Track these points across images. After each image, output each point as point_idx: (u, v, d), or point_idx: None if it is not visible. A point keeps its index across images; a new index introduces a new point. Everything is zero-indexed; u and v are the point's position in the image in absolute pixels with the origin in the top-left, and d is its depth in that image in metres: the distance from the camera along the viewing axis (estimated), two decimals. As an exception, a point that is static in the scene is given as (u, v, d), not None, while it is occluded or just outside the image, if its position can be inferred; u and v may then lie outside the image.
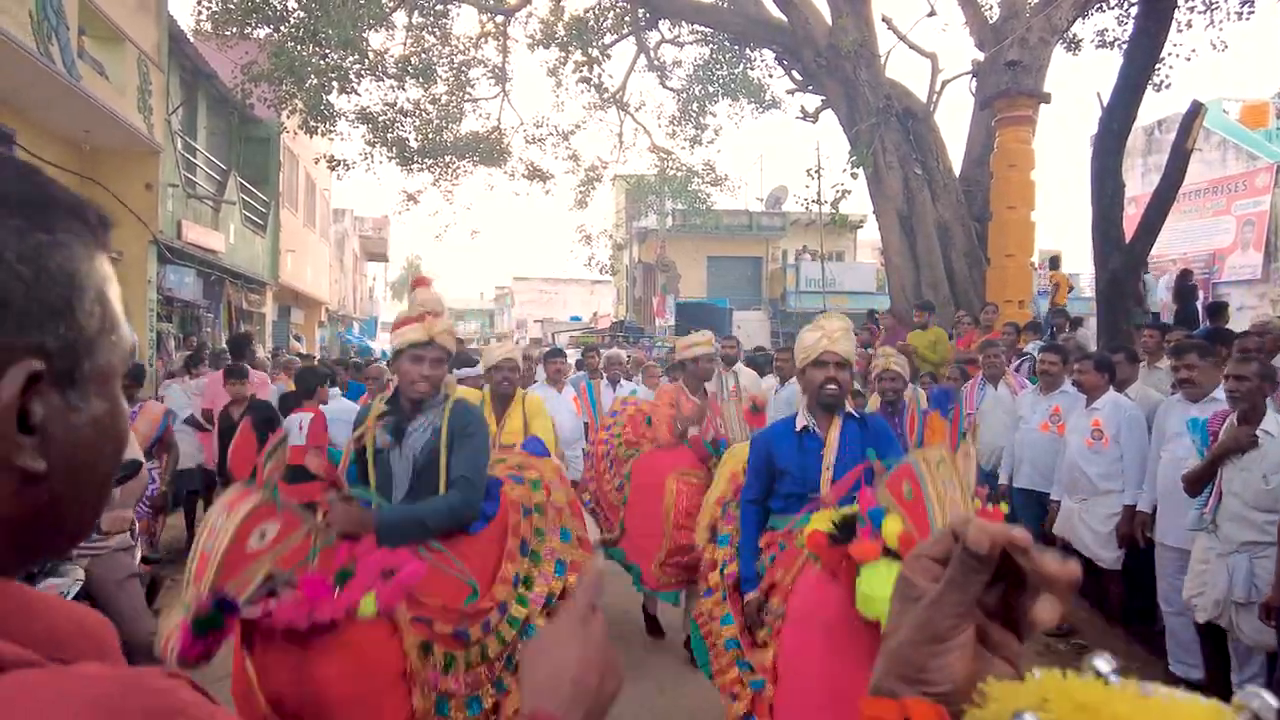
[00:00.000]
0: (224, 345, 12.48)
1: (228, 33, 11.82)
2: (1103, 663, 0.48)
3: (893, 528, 2.21)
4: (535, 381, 6.87)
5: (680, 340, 5.00)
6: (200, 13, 12.02)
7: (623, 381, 7.27)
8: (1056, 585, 0.52)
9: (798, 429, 3.05)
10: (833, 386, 2.93)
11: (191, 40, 12.19)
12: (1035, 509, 5.18)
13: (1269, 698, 0.43)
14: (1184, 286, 10.40)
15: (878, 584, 2.16)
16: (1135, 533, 4.49)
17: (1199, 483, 3.74)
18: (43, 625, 0.49)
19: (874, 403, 5.26)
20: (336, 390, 6.50)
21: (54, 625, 0.50)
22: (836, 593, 2.38)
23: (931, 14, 11.59)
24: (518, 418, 4.48)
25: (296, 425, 4.99)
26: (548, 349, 8.26)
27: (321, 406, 5.52)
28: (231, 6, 11.70)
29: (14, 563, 0.52)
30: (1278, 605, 3.27)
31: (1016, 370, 6.57)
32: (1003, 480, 5.53)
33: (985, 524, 0.52)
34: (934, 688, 0.52)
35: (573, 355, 11.66)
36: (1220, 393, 4.07)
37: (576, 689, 0.76)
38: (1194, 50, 11.05)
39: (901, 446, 4.51)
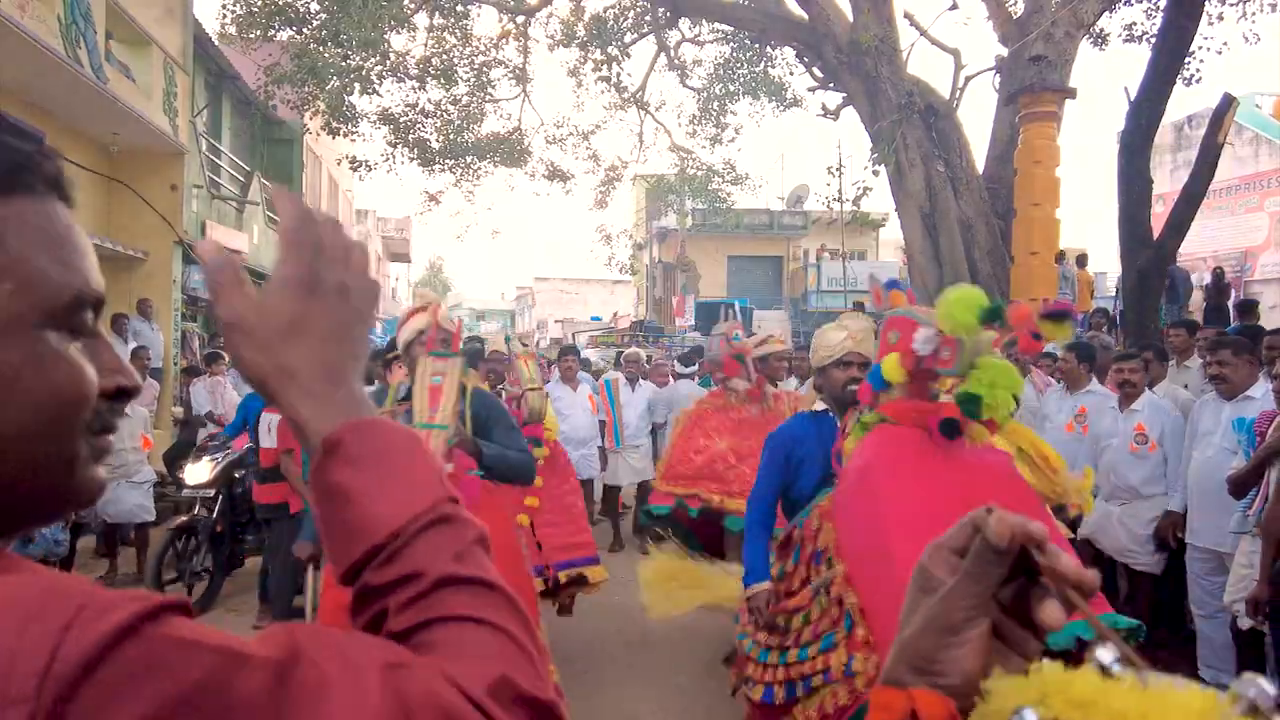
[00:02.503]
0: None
1: (251, 35, 11.95)
2: (1104, 653, 0.47)
3: (889, 363, 2.49)
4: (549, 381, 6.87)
5: (750, 340, 5.04)
6: (225, 16, 12.18)
7: (640, 381, 7.26)
8: (1069, 588, 0.51)
9: (814, 412, 3.06)
10: (854, 385, 2.87)
11: (216, 43, 12.34)
12: (1057, 510, 5.07)
13: (1266, 685, 0.43)
14: (1217, 285, 10.21)
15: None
16: (1167, 534, 4.39)
17: (1244, 485, 3.64)
18: None
19: None
20: None
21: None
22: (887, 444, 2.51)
23: (954, 7, 11.44)
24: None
25: (265, 427, 5.03)
26: (561, 348, 8.28)
27: None
28: (255, 10, 11.83)
29: None
30: (1265, 600, 3.19)
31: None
32: (1027, 480, 5.44)
33: (1006, 516, 0.51)
34: (944, 679, 0.52)
35: (590, 354, 11.58)
36: (1255, 391, 3.97)
37: (331, 336, 0.59)
38: (1225, 43, 10.80)
39: None
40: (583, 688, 4.16)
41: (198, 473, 5.51)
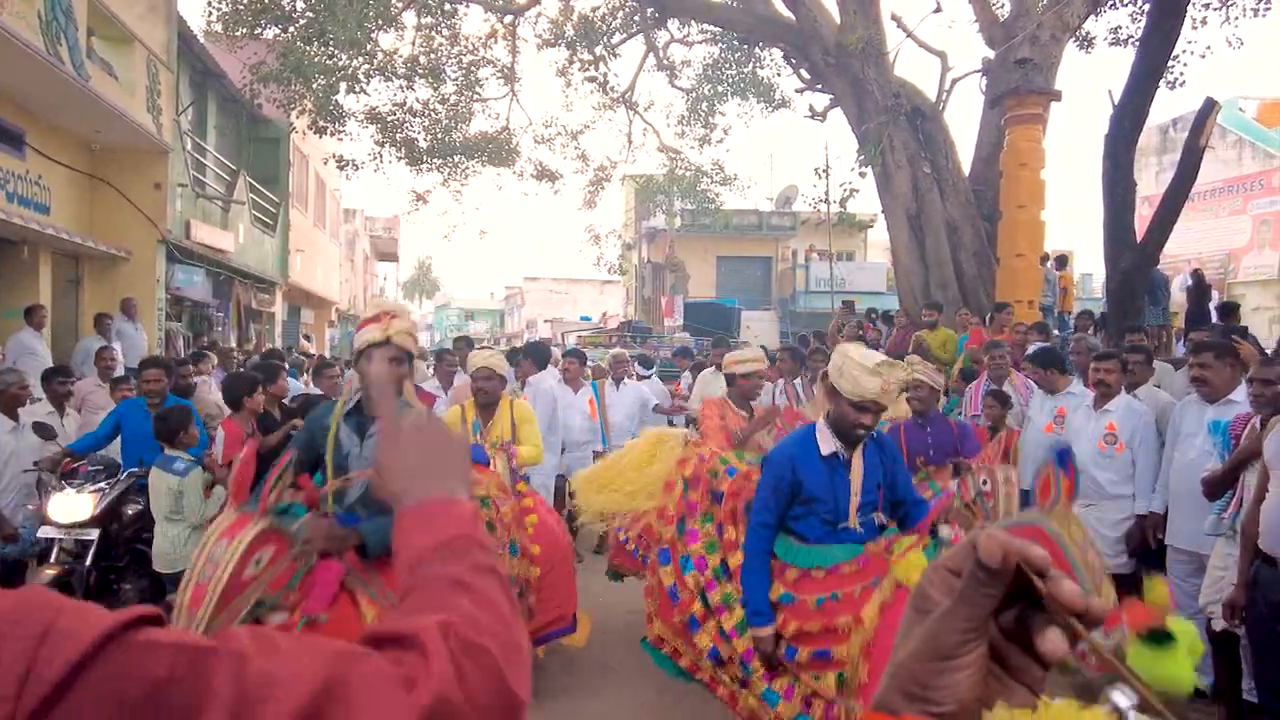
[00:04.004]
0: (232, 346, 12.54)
1: (237, 33, 11.86)
2: (1121, 697, 0.45)
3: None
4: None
5: (730, 355, 4.72)
6: (210, 14, 12.08)
7: (626, 380, 7.26)
8: (1072, 617, 0.48)
9: (825, 454, 2.86)
10: (863, 430, 2.82)
11: (201, 41, 12.24)
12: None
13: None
14: (1197, 286, 10.29)
15: None
16: (1147, 535, 4.41)
17: (1219, 487, 3.66)
18: None
19: (902, 409, 5.22)
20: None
21: None
22: None
23: (937, 10, 11.48)
24: (503, 424, 4.41)
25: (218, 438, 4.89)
26: (564, 350, 8.25)
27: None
28: (241, 7, 11.74)
29: None
30: (1242, 604, 3.21)
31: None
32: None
33: (999, 535, 0.48)
34: (938, 707, 0.49)
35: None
36: (1238, 395, 3.99)
37: (427, 469, 0.87)
38: (1209, 47, 10.89)
39: (942, 454, 4.50)
40: (562, 690, 4.15)
41: (75, 507, 4.28)
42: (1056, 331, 9.50)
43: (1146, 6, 9.44)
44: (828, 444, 2.85)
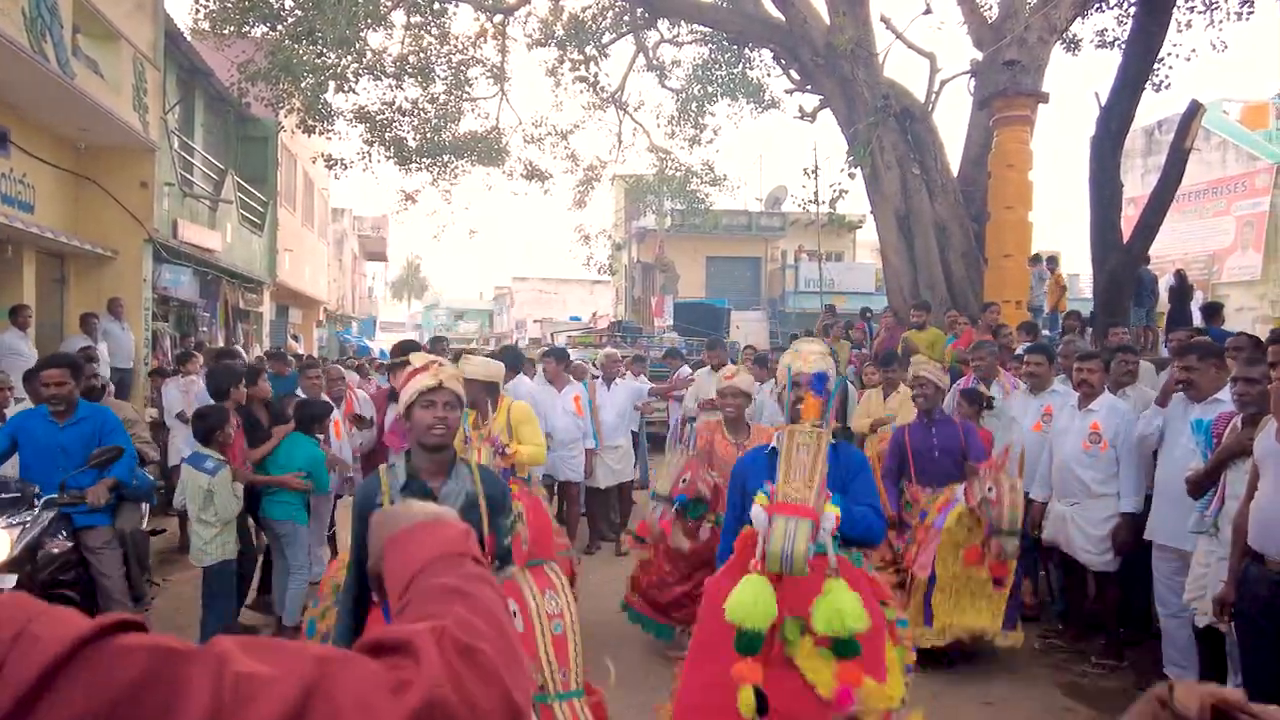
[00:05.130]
0: (220, 345, 12.44)
1: (225, 31, 11.78)
2: None
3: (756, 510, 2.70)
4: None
5: (721, 372, 4.81)
6: (197, 11, 11.99)
7: (617, 380, 7.27)
8: None
9: (768, 451, 3.02)
10: (798, 403, 2.95)
11: (188, 39, 12.15)
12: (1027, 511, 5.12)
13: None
14: (1179, 287, 10.39)
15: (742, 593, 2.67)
16: (1129, 534, 4.45)
17: (1202, 486, 3.70)
18: None
19: (910, 412, 5.23)
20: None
21: None
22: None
23: (927, 11, 11.55)
24: (498, 426, 4.36)
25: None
26: (544, 349, 8.23)
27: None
28: (229, 5, 11.66)
29: None
30: (1231, 600, 3.24)
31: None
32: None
33: (1194, 686, 0.51)
34: None
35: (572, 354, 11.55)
36: (1224, 394, 4.03)
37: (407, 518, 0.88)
38: (1194, 50, 11.00)
39: (947, 457, 4.53)
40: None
41: None
42: (1046, 331, 9.57)
43: (1133, 9, 9.51)
44: (773, 443, 2.99)
